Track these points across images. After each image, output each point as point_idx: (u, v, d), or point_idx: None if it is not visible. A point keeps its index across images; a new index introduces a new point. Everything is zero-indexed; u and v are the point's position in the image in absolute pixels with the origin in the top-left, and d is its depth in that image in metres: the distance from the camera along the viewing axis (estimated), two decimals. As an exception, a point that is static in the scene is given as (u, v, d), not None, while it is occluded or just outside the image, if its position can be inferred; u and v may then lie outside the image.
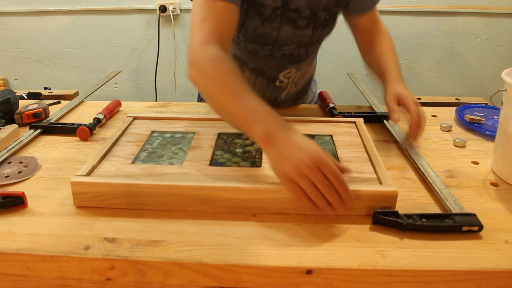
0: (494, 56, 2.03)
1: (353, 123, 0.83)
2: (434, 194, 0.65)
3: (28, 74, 2.19)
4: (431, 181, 0.67)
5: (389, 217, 0.57)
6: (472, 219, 0.57)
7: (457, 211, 0.59)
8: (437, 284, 0.51)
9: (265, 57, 0.91)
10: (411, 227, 0.56)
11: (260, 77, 0.95)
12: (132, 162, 0.69)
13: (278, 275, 0.51)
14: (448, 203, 0.61)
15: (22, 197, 0.61)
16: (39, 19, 2.04)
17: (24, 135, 0.84)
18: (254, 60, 0.92)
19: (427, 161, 0.73)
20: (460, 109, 0.97)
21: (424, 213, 0.58)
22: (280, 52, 0.90)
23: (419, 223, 0.56)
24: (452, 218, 0.57)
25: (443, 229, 0.56)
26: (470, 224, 0.56)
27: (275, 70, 0.94)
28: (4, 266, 0.54)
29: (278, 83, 0.96)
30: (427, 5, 1.93)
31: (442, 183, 0.66)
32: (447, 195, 0.63)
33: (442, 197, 0.63)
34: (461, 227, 0.56)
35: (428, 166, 0.71)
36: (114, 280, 0.54)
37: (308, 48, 0.92)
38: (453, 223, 0.56)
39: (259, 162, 0.69)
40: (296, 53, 0.91)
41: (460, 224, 0.56)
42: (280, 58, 0.91)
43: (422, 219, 0.57)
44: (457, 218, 0.57)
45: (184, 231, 0.57)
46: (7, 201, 0.61)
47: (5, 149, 0.78)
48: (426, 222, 0.57)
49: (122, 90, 2.19)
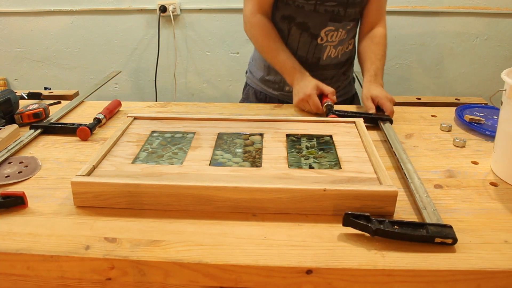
0: (494, 56, 2.03)
1: (353, 123, 0.83)
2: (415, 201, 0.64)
3: (28, 74, 2.19)
4: (414, 187, 0.65)
5: (360, 220, 0.55)
6: (447, 231, 0.54)
7: (433, 221, 0.57)
8: (437, 284, 0.51)
9: (310, 12, 1.05)
10: (381, 233, 0.54)
11: (304, 32, 1.09)
12: (132, 162, 0.69)
13: (278, 275, 0.51)
14: (425, 212, 0.59)
15: (23, 197, 0.61)
16: (39, 19, 2.04)
17: (25, 135, 0.84)
18: (300, 15, 1.07)
19: (414, 167, 0.71)
20: (460, 109, 0.97)
21: (397, 220, 0.56)
22: (322, 7, 1.04)
23: (389, 230, 0.54)
24: (426, 228, 0.55)
25: (415, 238, 0.54)
26: (444, 236, 0.53)
27: (318, 26, 1.07)
28: (5, 266, 0.54)
29: (320, 40, 1.09)
30: (427, 5, 1.93)
31: (425, 190, 0.64)
32: (427, 204, 0.61)
33: (421, 205, 0.61)
34: (434, 238, 0.53)
35: (414, 172, 0.69)
36: (114, 280, 0.54)
37: (347, 9, 1.06)
38: (426, 233, 0.54)
39: (259, 162, 0.69)
40: (336, 11, 1.05)
41: (433, 235, 0.53)
42: (323, 14, 1.05)
43: (394, 226, 0.55)
44: (432, 228, 0.55)
45: (184, 231, 0.57)
46: (7, 201, 0.61)
47: (5, 149, 0.78)
48: (398, 229, 0.54)
49: (122, 90, 2.19)
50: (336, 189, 0.59)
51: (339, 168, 0.67)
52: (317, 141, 0.77)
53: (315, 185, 0.60)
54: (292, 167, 0.68)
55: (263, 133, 0.79)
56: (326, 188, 0.59)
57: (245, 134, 0.79)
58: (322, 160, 0.70)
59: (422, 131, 0.89)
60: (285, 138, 0.77)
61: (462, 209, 0.62)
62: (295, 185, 0.60)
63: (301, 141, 0.77)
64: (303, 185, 0.60)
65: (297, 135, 0.79)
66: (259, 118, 0.85)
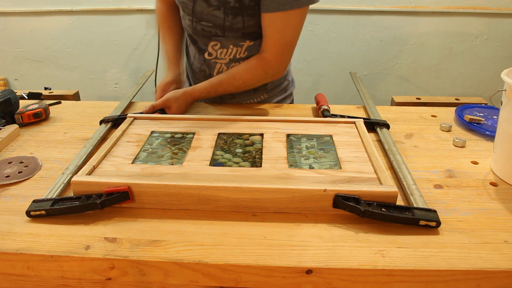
0: (494, 56, 2.03)
1: (353, 124, 0.83)
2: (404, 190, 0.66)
3: (28, 74, 2.19)
4: (402, 176, 0.68)
5: (349, 202, 0.58)
6: (431, 214, 0.58)
7: (419, 206, 0.60)
8: (437, 284, 0.51)
9: (191, 27, 1.00)
10: (369, 214, 0.57)
11: (193, 45, 1.05)
12: (132, 162, 0.69)
13: (278, 275, 0.51)
14: (412, 198, 0.62)
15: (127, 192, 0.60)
16: (40, 19, 2.05)
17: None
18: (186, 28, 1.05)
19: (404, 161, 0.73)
20: (460, 109, 0.97)
21: (385, 203, 0.59)
22: (199, 26, 0.98)
23: (377, 211, 0.57)
24: (411, 211, 0.58)
25: (401, 220, 0.57)
26: (428, 219, 0.57)
27: (202, 40, 1.01)
28: (5, 266, 0.54)
29: (208, 55, 1.02)
30: (427, 5, 1.93)
31: (412, 179, 0.67)
32: (414, 190, 0.64)
33: (408, 191, 0.64)
34: (419, 221, 0.57)
35: (403, 163, 0.72)
36: (114, 280, 0.54)
37: (225, 32, 0.96)
38: (411, 216, 0.57)
39: (259, 162, 0.69)
40: (214, 32, 0.97)
41: (418, 218, 0.57)
42: (201, 32, 0.99)
43: (381, 208, 0.58)
44: (417, 212, 0.58)
45: (184, 231, 0.57)
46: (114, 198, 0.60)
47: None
48: (385, 211, 0.57)
49: (122, 90, 2.19)
50: (336, 189, 0.59)
51: (339, 168, 0.67)
52: (317, 141, 0.77)
53: (315, 185, 0.60)
54: (292, 167, 0.68)
55: (263, 133, 0.79)
56: (326, 189, 0.59)
57: (245, 134, 0.79)
58: (322, 160, 0.70)
59: (422, 131, 0.89)
60: (285, 138, 0.77)
61: (462, 209, 0.62)
62: (295, 185, 0.60)
63: (301, 141, 0.77)
64: (303, 185, 0.60)
65: (297, 135, 0.79)
66: (259, 118, 0.85)
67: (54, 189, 0.65)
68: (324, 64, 2.09)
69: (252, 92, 1.06)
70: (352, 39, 2.04)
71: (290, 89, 1.15)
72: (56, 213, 0.59)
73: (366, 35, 2.02)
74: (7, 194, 0.66)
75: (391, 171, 0.72)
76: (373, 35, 2.02)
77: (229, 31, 0.95)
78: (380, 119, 0.90)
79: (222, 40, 0.98)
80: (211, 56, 1.02)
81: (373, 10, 1.96)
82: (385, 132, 0.86)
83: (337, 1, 1.96)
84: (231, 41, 0.98)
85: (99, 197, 0.60)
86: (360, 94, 1.09)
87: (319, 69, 2.12)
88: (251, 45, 0.98)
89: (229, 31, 0.96)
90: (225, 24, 0.94)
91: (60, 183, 0.66)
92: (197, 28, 0.98)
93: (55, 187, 0.65)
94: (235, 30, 0.95)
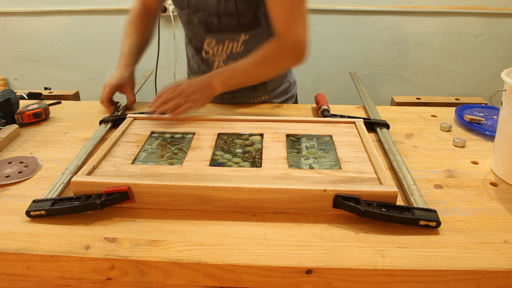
0: (494, 56, 2.03)
1: (353, 124, 0.83)
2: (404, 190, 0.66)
3: (28, 74, 2.19)
4: (402, 176, 0.68)
5: (349, 202, 0.58)
6: (431, 214, 0.58)
7: (419, 206, 0.60)
8: (437, 284, 0.51)
9: (187, 23, 1.01)
10: (369, 214, 0.57)
11: (190, 45, 1.07)
12: (132, 163, 0.69)
13: (278, 275, 0.51)
14: (412, 198, 0.62)
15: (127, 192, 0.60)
16: (40, 19, 2.05)
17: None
18: (184, 28, 1.05)
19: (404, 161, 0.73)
20: (460, 109, 0.97)
21: (385, 203, 0.59)
22: (195, 17, 0.97)
23: (377, 212, 0.57)
24: (411, 211, 0.58)
25: (401, 220, 0.57)
26: (428, 219, 0.57)
27: (197, 38, 1.01)
28: (5, 266, 0.54)
29: (204, 54, 1.02)
30: (427, 5, 1.93)
31: (412, 179, 0.67)
32: (414, 191, 0.64)
33: (408, 191, 0.64)
34: (419, 221, 0.57)
35: (403, 163, 0.72)
36: (114, 280, 0.54)
37: (220, 19, 0.95)
38: (411, 216, 0.57)
39: (259, 162, 0.69)
40: (210, 21, 0.96)
41: (418, 218, 0.57)
42: (197, 25, 0.98)
43: (381, 209, 0.58)
44: (417, 212, 0.58)
45: (184, 231, 0.57)
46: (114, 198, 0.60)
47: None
48: (385, 211, 0.57)
49: (122, 90, 2.19)
50: (336, 189, 0.59)
51: (339, 168, 0.67)
52: (317, 141, 0.77)
53: (315, 185, 0.60)
54: (292, 167, 0.68)
55: (263, 133, 0.79)
56: (326, 189, 0.59)
57: (245, 134, 0.79)
58: (322, 160, 0.70)
59: (422, 131, 0.89)
60: (285, 138, 0.77)
61: (462, 209, 0.62)
62: (295, 185, 0.60)
63: (301, 141, 0.77)
64: (303, 185, 0.60)
65: (297, 135, 0.79)
66: (259, 118, 0.85)
67: (54, 189, 0.65)
68: (324, 64, 2.09)
69: (252, 92, 1.06)
70: (352, 39, 2.04)
71: (292, 91, 1.15)
72: (56, 213, 0.59)
73: (366, 35, 2.02)
74: (7, 194, 0.66)
75: (391, 171, 0.72)
76: (373, 35, 2.02)
77: (224, 16, 0.94)
78: (380, 119, 0.91)
79: (217, 36, 0.98)
80: (207, 54, 1.02)
81: (373, 10, 1.96)
82: (385, 132, 0.86)
83: (337, 1, 1.96)
84: (226, 36, 0.98)
85: (99, 197, 0.60)
86: (360, 94, 1.09)
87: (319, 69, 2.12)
88: (246, 39, 0.98)
89: (224, 17, 0.95)
90: (219, 9, 0.94)
91: (60, 183, 0.66)
92: (193, 21, 0.98)
93: (55, 187, 0.65)
94: (230, 15, 0.94)
